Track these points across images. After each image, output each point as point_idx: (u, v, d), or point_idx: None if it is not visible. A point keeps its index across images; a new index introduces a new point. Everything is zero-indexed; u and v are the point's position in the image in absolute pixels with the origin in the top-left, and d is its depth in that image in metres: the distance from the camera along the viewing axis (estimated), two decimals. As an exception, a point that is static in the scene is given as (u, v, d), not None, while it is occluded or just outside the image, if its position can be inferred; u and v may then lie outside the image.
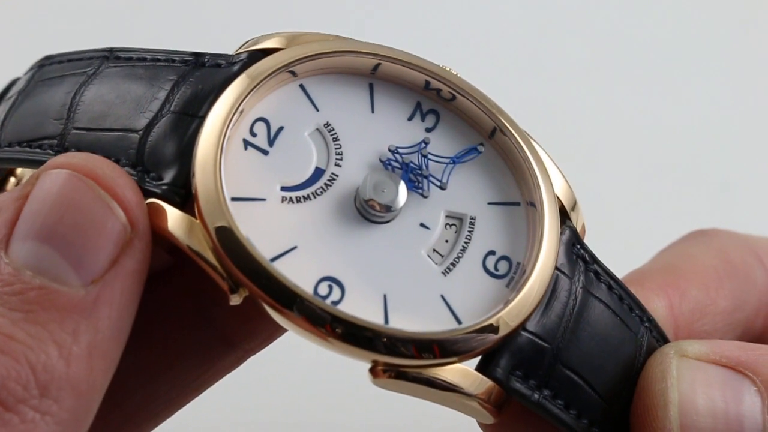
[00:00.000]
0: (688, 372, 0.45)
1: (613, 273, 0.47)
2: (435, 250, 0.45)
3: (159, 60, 0.46)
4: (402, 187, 0.44)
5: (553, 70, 0.94)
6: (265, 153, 0.44)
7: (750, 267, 0.55)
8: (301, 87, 0.46)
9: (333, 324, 0.41)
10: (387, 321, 0.42)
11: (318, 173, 0.44)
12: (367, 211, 0.44)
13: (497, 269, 0.45)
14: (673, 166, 0.89)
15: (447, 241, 0.45)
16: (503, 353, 0.43)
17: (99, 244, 0.40)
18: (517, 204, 0.46)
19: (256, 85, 0.44)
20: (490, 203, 0.46)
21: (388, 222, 0.44)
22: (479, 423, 0.47)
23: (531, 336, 0.43)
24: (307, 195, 0.44)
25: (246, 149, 0.44)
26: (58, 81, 0.47)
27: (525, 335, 0.43)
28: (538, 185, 0.45)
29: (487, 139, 0.47)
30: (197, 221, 0.42)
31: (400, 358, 0.42)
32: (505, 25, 0.97)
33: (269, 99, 0.45)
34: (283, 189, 0.44)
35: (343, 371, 0.58)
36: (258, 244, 0.41)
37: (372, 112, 0.46)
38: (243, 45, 0.46)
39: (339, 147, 0.45)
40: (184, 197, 0.42)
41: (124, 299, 0.40)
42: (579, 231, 0.47)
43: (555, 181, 0.46)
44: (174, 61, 0.45)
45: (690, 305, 0.52)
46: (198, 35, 0.90)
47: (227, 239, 0.41)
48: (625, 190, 0.87)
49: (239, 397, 0.72)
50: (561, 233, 0.45)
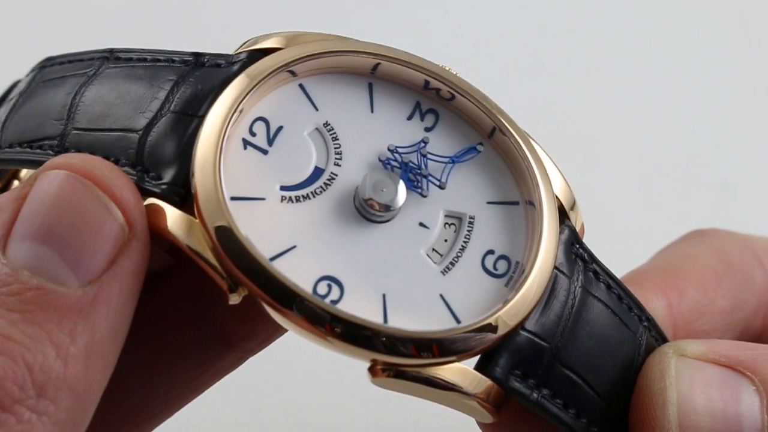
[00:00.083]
0: (686, 371, 0.45)
1: (612, 272, 0.47)
2: (434, 249, 0.45)
3: (159, 60, 0.46)
4: (401, 187, 0.44)
5: (553, 70, 0.94)
6: (265, 152, 0.44)
7: (749, 267, 0.55)
8: (301, 86, 0.46)
9: (332, 323, 0.41)
10: (386, 320, 0.42)
11: (317, 173, 0.44)
12: (367, 211, 0.44)
13: (496, 268, 0.45)
14: (673, 166, 0.89)
15: (446, 241, 0.45)
16: (502, 352, 0.43)
17: (96, 244, 0.40)
18: (516, 203, 0.46)
19: (255, 85, 0.44)
20: (489, 203, 0.46)
21: (387, 221, 0.44)
22: (478, 422, 0.47)
23: (530, 335, 0.43)
24: (307, 194, 0.44)
25: (245, 149, 0.44)
26: (58, 82, 0.47)
27: (524, 334, 0.43)
28: (537, 185, 0.45)
29: (487, 139, 0.47)
30: (197, 221, 0.42)
31: (399, 357, 0.42)
32: (505, 25, 0.97)
33: (269, 98, 0.45)
34: (283, 188, 0.44)
35: (343, 371, 0.58)
36: (257, 243, 0.41)
37: (371, 111, 0.46)
38: (242, 45, 0.46)
39: (338, 146, 0.45)
40: (183, 197, 0.42)
41: (121, 300, 0.40)
42: (578, 230, 0.47)
43: (554, 181, 0.46)
44: (174, 62, 0.45)
45: (689, 305, 0.52)
46: (198, 35, 0.90)
47: (227, 239, 0.41)
48: (625, 189, 0.87)
49: (239, 397, 0.72)
50: (560, 233, 0.45)
